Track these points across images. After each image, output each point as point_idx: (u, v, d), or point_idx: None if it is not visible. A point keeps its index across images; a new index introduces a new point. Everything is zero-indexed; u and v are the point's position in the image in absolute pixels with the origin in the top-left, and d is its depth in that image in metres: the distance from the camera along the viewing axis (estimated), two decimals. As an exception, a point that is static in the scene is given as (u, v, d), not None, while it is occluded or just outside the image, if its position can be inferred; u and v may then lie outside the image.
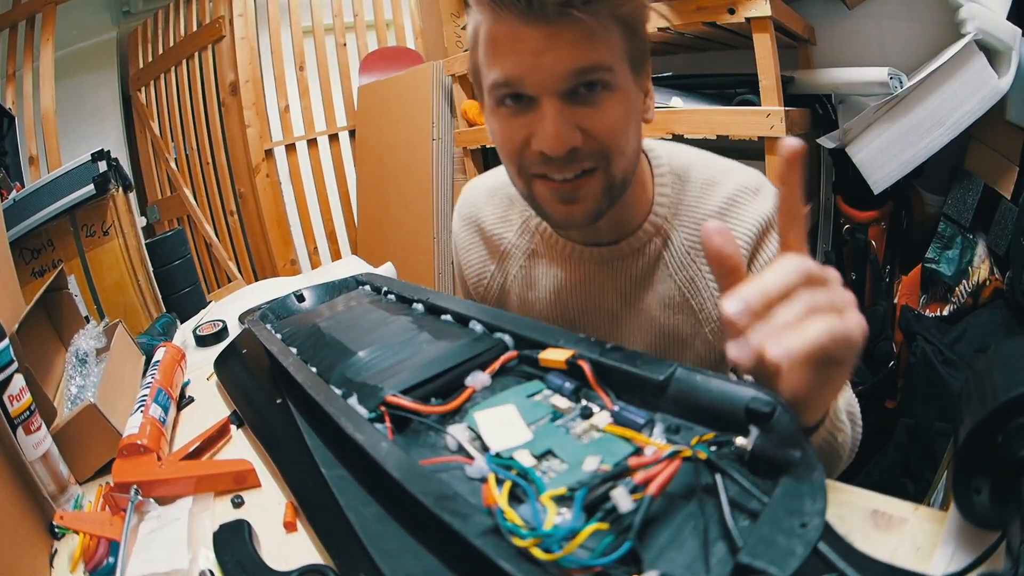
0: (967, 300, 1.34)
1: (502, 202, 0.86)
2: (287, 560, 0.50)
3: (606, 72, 0.58)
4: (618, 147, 0.62)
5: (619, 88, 0.60)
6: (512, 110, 0.62)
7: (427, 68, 2.36)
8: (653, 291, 0.76)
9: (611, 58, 0.59)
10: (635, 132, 0.65)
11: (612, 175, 0.64)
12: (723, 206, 0.73)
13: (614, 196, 0.66)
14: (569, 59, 0.57)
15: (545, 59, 0.57)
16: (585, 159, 0.62)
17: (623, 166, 0.64)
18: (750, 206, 0.72)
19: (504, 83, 0.60)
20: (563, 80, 0.58)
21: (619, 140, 0.62)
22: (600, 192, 0.64)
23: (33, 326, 0.88)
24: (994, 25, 1.20)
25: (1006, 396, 0.35)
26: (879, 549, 0.38)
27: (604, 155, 0.62)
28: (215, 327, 1.07)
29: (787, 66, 1.46)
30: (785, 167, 0.42)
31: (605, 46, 0.58)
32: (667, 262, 0.75)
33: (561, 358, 0.53)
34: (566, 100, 0.59)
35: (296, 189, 3.07)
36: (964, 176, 1.39)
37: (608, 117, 0.60)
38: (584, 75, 0.58)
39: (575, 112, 0.59)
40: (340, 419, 0.51)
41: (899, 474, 1.35)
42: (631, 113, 0.63)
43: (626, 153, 0.64)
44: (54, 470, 0.64)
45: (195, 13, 2.95)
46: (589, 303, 0.80)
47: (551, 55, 0.56)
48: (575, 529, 0.33)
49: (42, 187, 1.77)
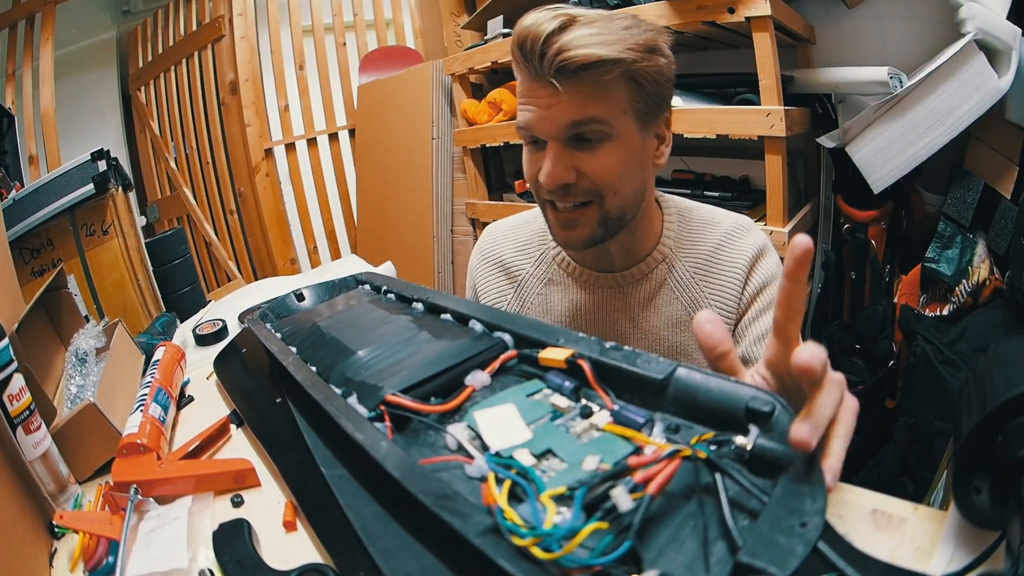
0: (967, 300, 1.34)
1: (520, 236, 0.96)
2: (287, 559, 0.50)
3: (601, 124, 0.70)
4: (611, 187, 0.73)
5: (618, 137, 0.71)
6: (532, 148, 0.76)
7: (427, 67, 2.36)
8: (660, 313, 0.84)
9: (608, 112, 0.69)
10: (635, 175, 0.75)
11: (607, 209, 0.74)
12: (721, 239, 0.84)
13: (610, 227, 0.76)
14: (567, 114, 0.69)
15: (549, 112, 0.70)
16: (579, 194, 0.73)
17: (618, 203, 0.75)
18: (744, 239, 0.84)
19: (524, 128, 0.74)
20: (563, 129, 0.70)
21: (612, 182, 0.73)
22: (595, 222, 0.75)
23: (33, 326, 0.88)
24: (994, 25, 1.20)
25: (1006, 395, 0.35)
26: (879, 548, 0.38)
27: (597, 193, 0.73)
28: (215, 326, 1.06)
29: (787, 65, 1.46)
30: (794, 265, 0.44)
31: (602, 102, 0.69)
32: (672, 286, 0.84)
33: (561, 357, 0.53)
34: (567, 145, 0.72)
35: (296, 188, 3.07)
36: (964, 176, 1.39)
37: (601, 162, 0.71)
38: (579, 126, 0.70)
39: (573, 155, 0.72)
40: (340, 418, 0.51)
41: (899, 473, 1.35)
42: (629, 159, 0.73)
43: (620, 192, 0.74)
44: (54, 469, 0.64)
45: (195, 12, 2.95)
46: (601, 325, 0.87)
47: (554, 109, 0.69)
48: (575, 528, 0.33)
49: (42, 186, 1.77)
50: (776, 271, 0.83)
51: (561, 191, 0.73)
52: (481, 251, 1.00)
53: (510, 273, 0.95)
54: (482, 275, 0.98)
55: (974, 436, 0.36)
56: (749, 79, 1.39)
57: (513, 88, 1.99)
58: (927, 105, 1.26)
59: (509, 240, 0.97)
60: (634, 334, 0.85)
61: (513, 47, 0.70)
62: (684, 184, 1.74)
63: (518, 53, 0.70)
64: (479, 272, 0.99)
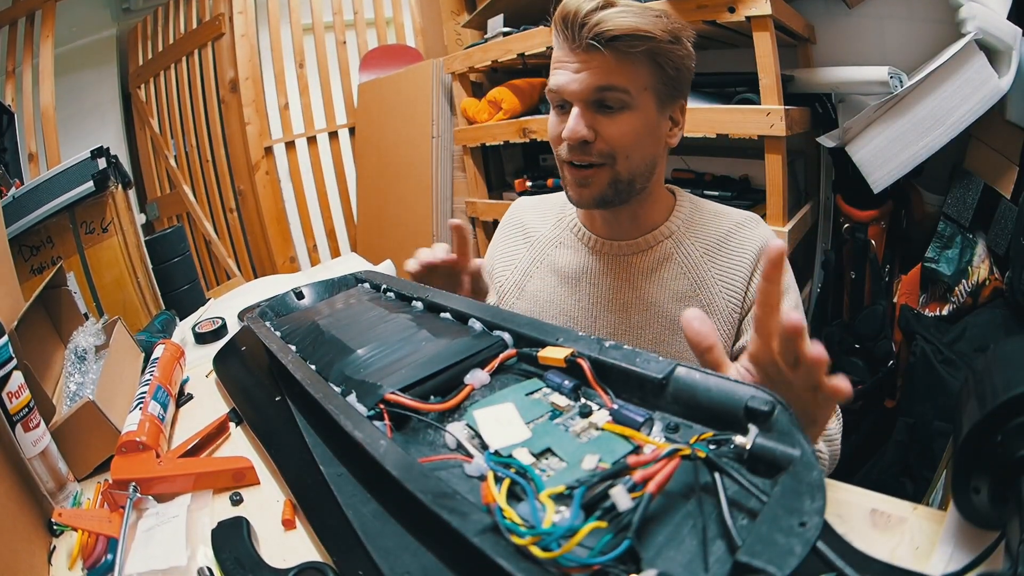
0: (967, 300, 1.34)
1: (543, 205, 1.05)
2: (285, 558, 0.50)
3: (621, 93, 0.77)
4: (624, 151, 0.80)
5: (637, 108, 0.78)
6: (558, 112, 0.83)
7: (427, 66, 2.36)
8: (664, 286, 0.89)
9: (629, 84, 0.77)
10: (648, 146, 0.82)
11: (618, 172, 0.81)
12: (734, 226, 0.90)
13: (620, 190, 0.83)
14: (594, 79, 0.77)
15: (579, 76, 0.78)
16: (594, 153, 0.80)
17: (629, 168, 0.82)
18: (755, 229, 0.90)
19: (554, 90, 0.81)
20: (588, 93, 0.78)
21: (626, 146, 0.80)
22: (606, 183, 0.82)
23: (32, 323, 0.88)
24: (994, 25, 1.20)
25: (1005, 396, 0.35)
26: (878, 548, 0.38)
27: (611, 154, 0.80)
28: (214, 324, 1.06)
29: (787, 65, 1.46)
30: (770, 266, 0.51)
31: (627, 74, 0.76)
32: (680, 262, 0.89)
33: (560, 356, 0.53)
34: (590, 107, 0.79)
35: (296, 186, 3.07)
36: (964, 175, 1.39)
37: (619, 126, 0.79)
38: (603, 91, 0.77)
39: (595, 117, 0.79)
40: (339, 417, 0.51)
41: (898, 473, 1.35)
42: (645, 130, 0.80)
43: (632, 158, 0.81)
44: (53, 467, 0.64)
45: (195, 10, 2.95)
46: (604, 290, 0.92)
47: (583, 74, 0.77)
48: (574, 527, 0.33)
49: (41, 184, 1.76)
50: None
51: (579, 148, 0.80)
52: (507, 220, 1.08)
53: (527, 234, 1.02)
54: (502, 238, 1.06)
55: (973, 436, 0.36)
56: (749, 78, 1.39)
57: (513, 87, 1.98)
58: (927, 105, 1.26)
59: (533, 208, 1.06)
60: (636, 303, 0.90)
61: (556, 17, 0.78)
62: (684, 183, 1.74)
63: (560, 22, 0.77)
64: (499, 237, 1.07)
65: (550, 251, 0.98)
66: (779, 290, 0.51)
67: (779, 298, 0.51)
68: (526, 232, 1.03)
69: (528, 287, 0.98)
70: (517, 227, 1.05)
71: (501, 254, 1.04)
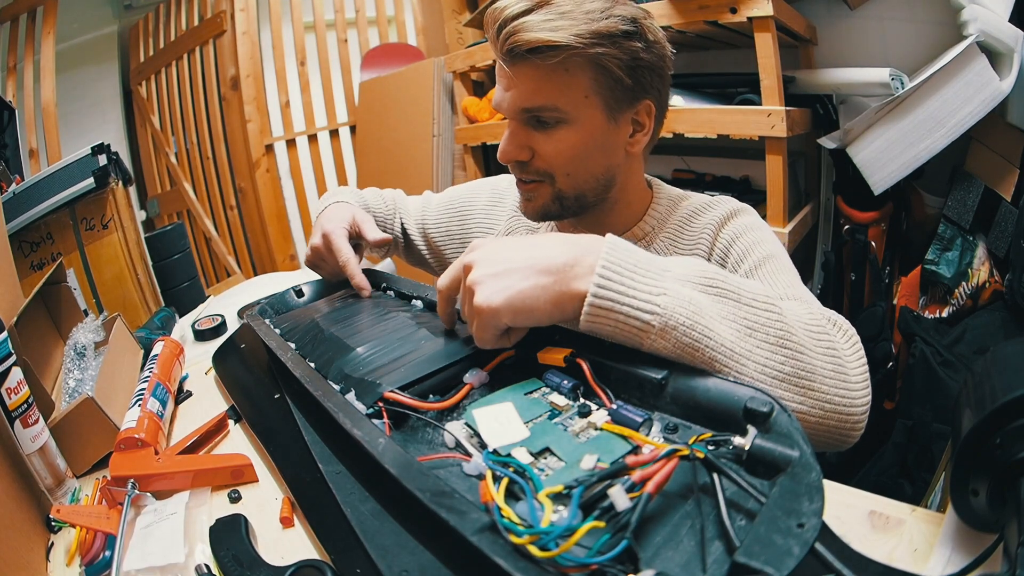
0: (966, 302, 1.34)
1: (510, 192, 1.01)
2: (284, 555, 0.50)
3: (552, 112, 0.71)
4: (562, 169, 0.75)
5: (576, 122, 0.72)
6: (506, 125, 0.78)
7: (428, 64, 2.36)
8: None
9: (564, 99, 0.70)
10: (595, 160, 0.75)
11: (559, 189, 0.77)
12: (692, 212, 0.83)
13: (566, 206, 0.78)
14: (520, 98, 0.72)
15: (508, 95, 0.73)
16: (531, 172, 0.77)
17: (572, 184, 0.76)
18: (717, 208, 0.81)
19: (495, 106, 0.76)
20: (517, 113, 0.73)
21: (563, 164, 0.75)
22: (548, 199, 0.78)
23: (32, 319, 0.88)
24: (996, 27, 1.20)
25: (1004, 398, 0.35)
26: (876, 550, 0.38)
27: (548, 174, 0.76)
28: (214, 321, 1.06)
29: (789, 66, 1.46)
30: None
31: (560, 88, 0.69)
32: None
33: (559, 356, 0.53)
34: (525, 124, 0.74)
35: (296, 184, 3.07)
36: (964, 178, 1.39)
37: (554, 145, 0.73)
38: (530, 112, 0.72)
39: (529, 135, 0.74)
40: (338, 415, 0.51)
41: (897, 475, 1.35)
42: (589, 144, 0.73)
43: (575, 175, 0.75)
44: (51, 463, 0.64)
45: (196, 7, 2.95)
46: None
47: (512, 92, 0.72)
48: (572, 527, 0.33)
49: (42, 180, 1.76)
50: (750, 224, 0.79)
51: (516, 167, 0.78)
52: (495, 183, 1.04)
53: (508, 214, 0.99)
54: (485, 197, 1.03)
55: (972, 438, 0.36)
56: (750, 79, 1.39)
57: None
58: (928, 107, 1.26)
59: (508, 189, 1.02)
60: None
61: (484, 28, 0.75)
62: (684, 184, 1.74)
63: (487, 33, 0.72)
64: (482, 192, 1.04)
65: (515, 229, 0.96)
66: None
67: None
68: (510, 210, 0.99)
69: None
70: (498, 200, 1.02)
71: (484, 213, 1.01)
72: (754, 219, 0.81)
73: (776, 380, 0.51)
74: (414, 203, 1.11)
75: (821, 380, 0.53)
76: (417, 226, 1.07)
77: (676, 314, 0.48)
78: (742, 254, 0.75)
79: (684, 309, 0.48)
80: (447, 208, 1.05)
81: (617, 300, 0.49)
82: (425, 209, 1.08)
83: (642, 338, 0.49)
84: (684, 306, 0.49)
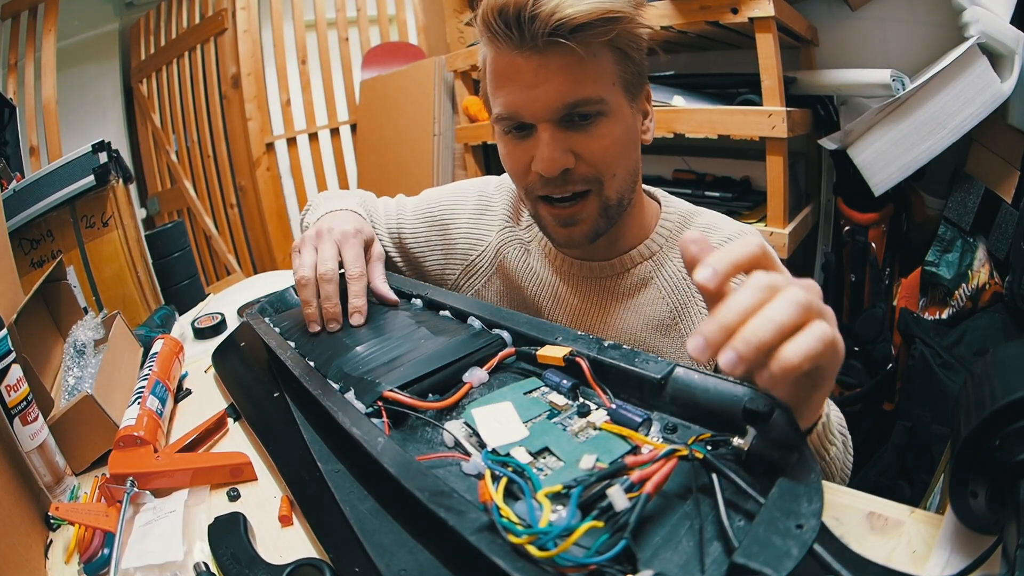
0: (966, 303, 1.34)
1: (516, 198, 0.89)
2: (282, 554, 0.50)
3: (596, 104, 0.63)
4: (610, 170, 0.67)
5: (613, 114, 0.65)
6: (515, 136, 0.68)
7: (429, 63, 2.36)
8: (639, 312, 0.77)
9: (602, 88, 0.63)
10: (630, 154, 0.69)
11: (606, 196, 0.69)
12: (720, 242, 0.76)
13: (611, 216, 0.71)
14: (560, 93, 0.62)
15: (539, 92, 0.62)
16: (578, 181, 0.67)
17: (616, 187, 0.69)
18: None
19: (507, 116, 0.66)
20: (556, 111, 0.63)
21: (611, 163, 0.67)
22: (597, 213, 0.69)
23: (32, 316, 0.88)
24: (997, 29, 1.20)
25: (1004, 400, 0.35)
26: (875, 551, 0.38)
27: (597, 179, 0.67)
28: (213, 320, 1.06)
29: (789, 66, 1.46)
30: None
31: (595, 75, 0.62)
32: (660, 286, 0.77)
33: (559, 355, 0.53)
34: (560, 126, 0.64)
35: (297, 183, 3.07)
36: (965, 179, 1.39)
37: (600, 142, 0.65)
38: (575, 108, 0.63)
39: (569, 137, 0.65)
40: (337, 414, 0.51)
41: (896, 476, 1.35)
42: (626, 137, 0.67)
43: (619, 175, 0.68)
44: (50, 461, 0.64)
45: (198, 5, 2.95)
46: (569, 313, 0.82)
47: (543, 87, 0.62)
48: (570, 527, 0.33)
49: (42, 177, 1.76)
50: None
51: (560, 179, 0.66)
52: (484, 186, 0.92)
53: (500, 223, 0.88)
54: (471, 204, 0.90)
55: (971, 440, 0.36)
56: (751, 80, 1.39)
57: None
58: (929, 108, 1.26)
59: (510, 192, 0.89)
60: (603, 329, 0.79)
61: (489, 15, 0.61)
62: (685, 184, 1.74)
63: (497, 21, 0.61)
64: (470, 196, 0.91)
65: (520, 255, 0.85)
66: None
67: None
68: (506, 214, 0.88)
69: (492, 285, 0.87)
70: (485, 207, 0.89)
71: (471, 223, 0.89)
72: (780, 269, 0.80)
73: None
74: (385, 207, 0.96)
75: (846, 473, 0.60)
76: (390, 233, 0.94)
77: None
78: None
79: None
80: (426, 216, 0.92)
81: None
82: (400, 215, 0.94)
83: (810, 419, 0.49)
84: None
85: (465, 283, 0.90)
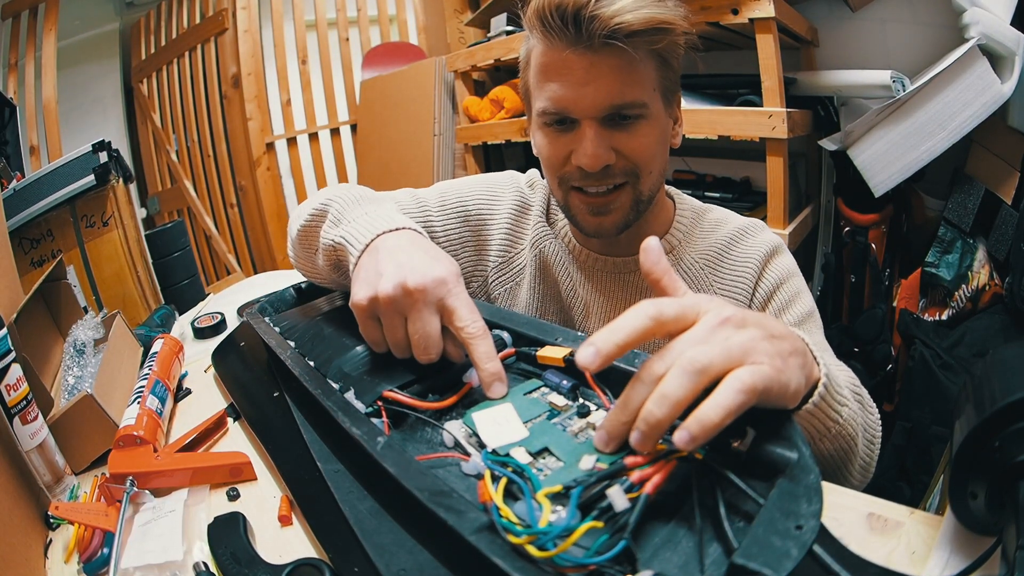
0: (966, 305, 1.34)
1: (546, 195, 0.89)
2: (282, 553, 0.50)
3: (640, 108, 0.67)
4: (647, 167, 0.71)
5: (652, 117, 0.69)
6: (557, 130, 0.71)
7: (430, 64, 2.36)
8: None
9: (645, 93, 0.67)
10: (663, 155, 0.74)
11: (640, 191, 0.72)
12: (735, 233, 0.82)
13: (640, 210, 0.75)
14: (609, 93, 0.65)
15: (587, 90, 0.65)
16: (617, 175, 0.71)
17: (650, 183, 0.73)
18: (758, 235, 0.82)
19: (553, 112, 0.69)
20: (602, 110, 0.67)
21: (648, 161, 0.71)
22: (629, 205, 0.73)
23: (32, 316, 0.88)
24: (998, 30, 1.20)
25: (1003, 401, 0.35)
26: (874, 552, 0.38)
27: (634, 173, 0.71)
28: (213, 319, 1.06)
29: (790, 67, 1.46)
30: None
31: (640, 80, 0.66)
32: (680, 277, 0.76)
33: (559, 355, 0.53)
34: (604, 124, 0.68)
35: (297, 183, 3.07)
36: (965, 180, 1.39)
37: (640, 142, 0.69)
38: (620, 109, 0.67)
39: (611, 135, 0.68)
40: (337, 413, 0.51)
41: (895, 477, 1.35)
42: (661, 139, 0.72)
43: (653, 173, 0.72)
44: (50, 460, 0.64)
45: (198, 5, 2.95)
46: (594, 307, 0.84)
47: (593, 86, 0.65)
48: (570, 527, 0.33)
49: (42, 177, 1.76)
50: (791, 270, 0.80)
51: (600, 173, 0.70)
52: (518, 183, 0.90)
53: (529, 214, 0.87)
54: (508, 203, 0.87)
55: (971, 441, 0.36)
56: (751, 80, 1.39)
57: (515, 86, 1.98)
58: (929, 109, 1.26)
59: (543, 189, 0.88)
60: None
61: (546, 11, 0.63)
62: (685, 185, 1.74)
63: (553, 17, 0.63)
64: (506, 195, 0.88)
65: (544, 249, 0.85)
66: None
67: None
68: (529, 211, 0.87)
69: (519, 282, 0.87)
70: (524, 207, 0.88)
71: (512, 221, 0.87)
72: (791, 261, 0.83)
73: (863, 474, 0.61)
74: (403, 202, 0.86)
75: (871, 468, 0.63)
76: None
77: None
78: (784, 304, 0.78)
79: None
80: (459, 212, 0.86)
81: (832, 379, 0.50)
82: (425, 208, 0.86)
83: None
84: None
85: (495, 279, 0.88)
